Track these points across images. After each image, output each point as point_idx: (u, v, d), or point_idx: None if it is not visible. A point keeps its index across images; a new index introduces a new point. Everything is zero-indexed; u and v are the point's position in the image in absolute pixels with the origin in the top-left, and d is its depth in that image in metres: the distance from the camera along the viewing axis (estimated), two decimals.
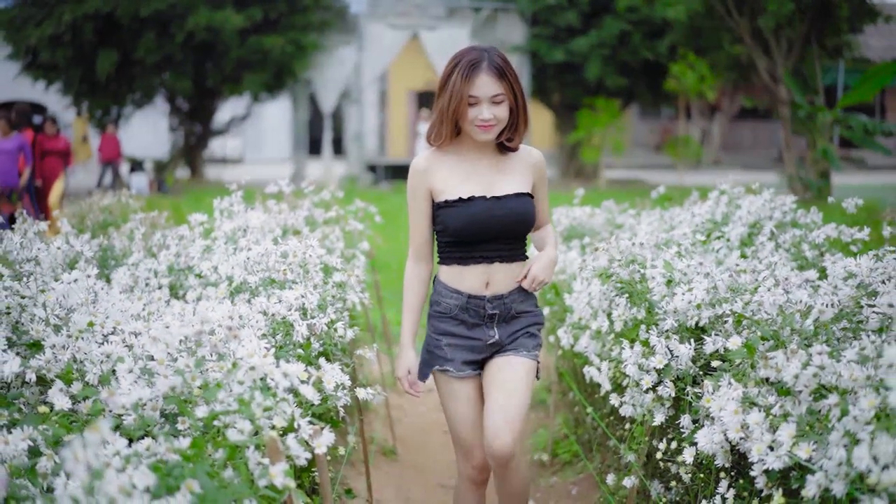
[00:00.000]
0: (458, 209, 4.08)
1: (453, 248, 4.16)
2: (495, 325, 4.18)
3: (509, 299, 4.18)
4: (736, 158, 42.58)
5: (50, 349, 3.50)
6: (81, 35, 26.62)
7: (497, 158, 4.20)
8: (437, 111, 4.09)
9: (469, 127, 4.05)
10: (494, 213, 4.08)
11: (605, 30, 30.01)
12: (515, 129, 4.14)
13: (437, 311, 4.22)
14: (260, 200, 6.80)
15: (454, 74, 3.98)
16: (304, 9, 29.11)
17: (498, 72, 3.98)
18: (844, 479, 2.73)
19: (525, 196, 4.16)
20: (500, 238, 4.13)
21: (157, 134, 37.29)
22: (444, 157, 4.17)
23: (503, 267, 4.16)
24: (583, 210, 7.39)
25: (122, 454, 2.72)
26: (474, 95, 3.97)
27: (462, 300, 4.15)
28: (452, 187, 4.11)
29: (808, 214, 6.24)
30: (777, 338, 3.68)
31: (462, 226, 4.07)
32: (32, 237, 5.41)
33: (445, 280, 4.21)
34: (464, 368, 4.18)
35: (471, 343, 4.18)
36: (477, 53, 4.01)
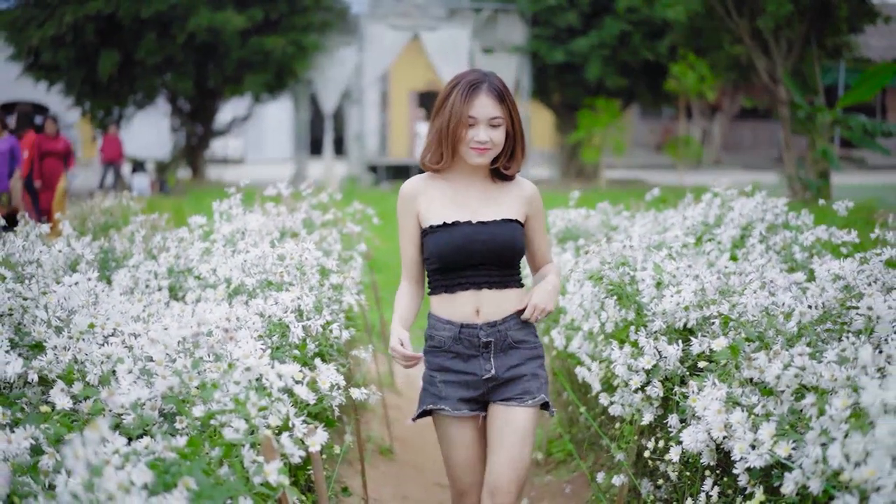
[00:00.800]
0: (440, 234, 3.98)
1: (439, 275, 4.04)
2: (492, 355, 3.99)
3: (504, 326, 4.01)
4: (737, 158, 42.64)
5: (51, 350, 3.58)
6: (83, 36, 26.72)
7: (488, 186, 4.10)
8: (433, 132, 3.99)
9: (464, 149, 3.95)
10: (477, 237, 3.96)
11: (606, 30, 30.09)
12: (512, 156, 4.05)
13: (432, 346, 4.07)
14: (259, 203, 6.88)
15: (453, 94, 3.92)
16: (304, 9, 29.20)
17: (498, 95, 3.92)
18: (821, 476, 2.82)
19: (512, 223, 4.03)
20: (487, 264, 3.99)
21: (158, 134, 37.38)
22: (433, 183, 4.07)
23: (494, 294, 4.01)
24: (578, 212, 7.47)
25: (122, 452, 2.82)
26: (473, 116, 3.89)
27: (455, 330, 4.00)
28: (437, 212, 4.01)
29: (800, 216, 6.32)
30: (762, 339, 3.77)
31: (444, 251, 3.97)
32: (34, 240, 5.50)
33: (437, 311, 4.07)
34: (460, 407, 4.01)
35: (466, 378, 4.00)
36: (477, 75, 3.96)
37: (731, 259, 5.63)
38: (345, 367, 4.63)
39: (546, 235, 4.29)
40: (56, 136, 15.39)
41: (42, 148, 15.25)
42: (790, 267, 5.62)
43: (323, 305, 4.54)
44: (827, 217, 7.68)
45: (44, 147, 15.26)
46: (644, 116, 46.14)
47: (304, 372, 3.66)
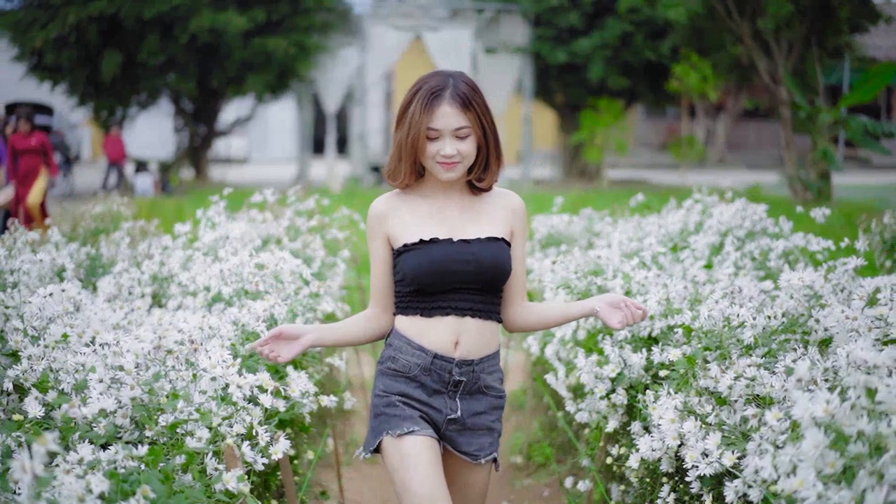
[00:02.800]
0: (416, 254, 3.52)
1: (414, 297, 3.57)
2: (458, 395, 3.57)
3: (479, 367, 3.58)
4: (741, 158, 42.67)
5: (26, 359, 3.68)
6: (86, 37, 26.84)
7: (469, 200, 3.65)
8: (394, 145, 3.56)
9: (430, 164, 3.51)
10: (458, 257, 3.51)
11: (608, 31, 30.17)
12: (486, 167, 3.59)
13: (392, 369, 3.58)
14: (246, 208, 6.98)
15: (413, 104, 3.47)
16: (306, 10, 29.31)
17: (463, 101, 3.46)
18: (761, 486, 2.92)
19: (499, 241, 3.57)
20: (469, 289, 3.53)
21: (161, 135, 37.54)
22: (406, 199, 3.63)
23: (476, 325, 3.56)
24: (560, 217, 7.56)
25: (86, 461, 2.92)
26: (434, 128, 3.45)
27: (426, 360, 3.53)
28: (412, 230, 3.55)
29: (777, 223, 6.40)
30: (722, 348, 3.86)
31: (419, 272, 3.50)
32: (21, 246, 5.61)
33: (407, 333, 3.57)
34: (425, 426, 3.52)
35: (427, 411, 3.56)
36: (440, 79, 3.50)
37: (706, 267, 5.73)
38: (320, 374, 4.72)
39: (525, 260, 3.77)
40: (29, 134, 15.10)
41: (16, 147, 15.04)
42: (766, 275, 5.70)
43: (297, 314, 4.63)
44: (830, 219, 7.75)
45: (18, 146, 15.04)
46: (648, 116, 46.23)
47: (270, 381, 3.76)
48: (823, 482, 2.58)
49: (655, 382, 4.14)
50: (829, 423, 2.65)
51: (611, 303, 3.61)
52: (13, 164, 14.84)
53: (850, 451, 2.57)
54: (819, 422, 2.64)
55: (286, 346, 3.57)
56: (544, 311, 3.77)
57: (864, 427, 2.57)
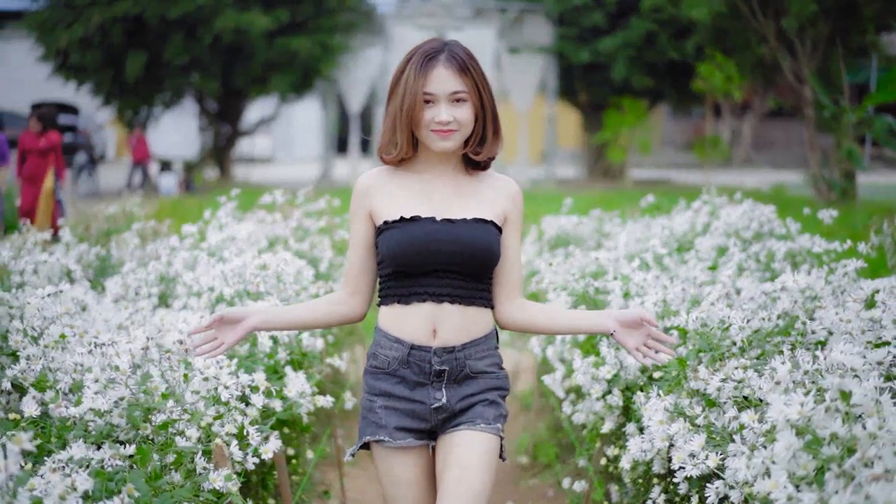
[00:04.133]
0: (395, 231, 3.29)
1: (393, 281, 3.35)
2: (443, 384, 3.34)
3: (463, 354, 3.34)
4: (767, 157, 42.49)
5: (24, 359, 3.73)
6: (111, 37, 27.01)
7: (462, 179, 3.43)
8: (388, 116, 3.34)
9: (424, 133, 3.29)
10: (440, 237, 3.28)
11: (632, 30, 30.13)
12: (483, 140, 3.37)
13: (373, 366, 3.38)
14: (257, 209, 7.03)
15: (407, 69, 3.28)
16: (330, 10, 29.40)
17: (459, 65, 3.27)
18: (742, 486, 2.94)
19: (487, 224, 3.34)
20: (451, 271, 3.30)
21: (186, 134, 37.72)
22: (394, 176, 3.41)
23: (456, 310, 3.32)
24: (569, 219, 7.58)
25: (76, 459, 2.97)
26: (430, 92, 3.25)
27: (403, 352, 3.32)
28: (395, 207, 3.33)
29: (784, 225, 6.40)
30: (713, 350, 3.88)
31: (397, 251, 3.27)
32: (31, 247, 5.68)
33: (385, 326, 3.37)
34: (403, 436, 3.33)
35: (411, 407, 3.33)
36: (435, 44, 3.32)
37: (710, 269, 5.73)
38: (321, 375, 4.76)
39: (520, 253, 3.53)
40: (40, 134, 14.70)
41: (24, 146, 14.67)
42: (770, 276, 5.70)
43: None
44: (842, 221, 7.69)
45: (26, 145, 14.67)
46: (673, 115, 46.08)
47: (263, 381, 3.81)
48: (796, 484, 2.60)
49: (651, 384, 4.16)
50: (805, 425, 2.67)
51: (627, 322, 3.32)
52: (21, 163, 14.66)
53: (823, 453, 2.59)
54: (794, 424, 2.66)
55: (230, 331, 3.29)
56: (543, 314, 3.48)
57: (838, 429, 2.59)
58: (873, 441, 2.56)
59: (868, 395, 2.66)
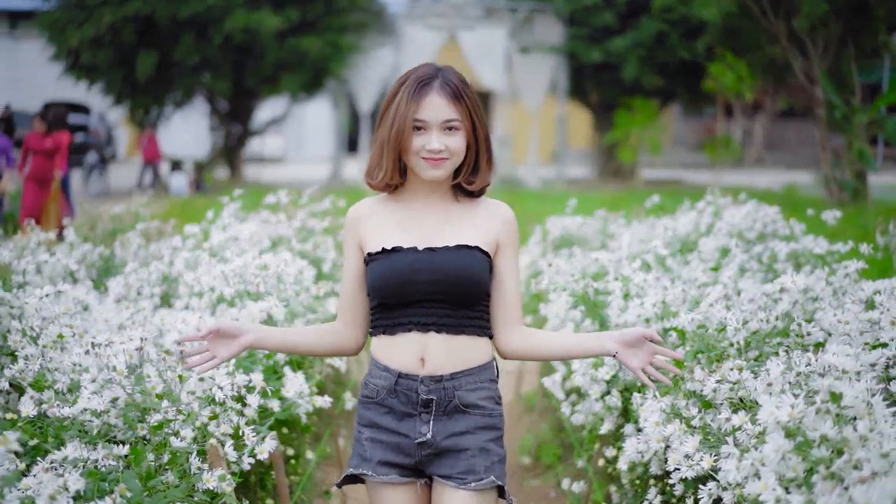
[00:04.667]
0: (378, 263, 3.22)
1: (379, 313, 3.27)
2: (431, 417, 3.21)
3: (452, 384, 3.22)
4: (780, 157, 42.41)
5: (23, 359, 3.74)
6: (121, 37, 27.08)
7: (451, 207, 3.33)
8: (376, 141, 3.25)
9: (414, 160, 3.20)
10: (420, 266, 3.19)
11: (642, 30, 30.08)
12: (476, 169, 3.28)
13: (364, 396, 3.31)
14: (262, 209, 7.05)
15: (399, 94, 3.20)
16: (340, 10, 29.43)
17: (453, 92, 3.20)
18: (734, 488, 2.94)
19: (472, 250, 3.23)
20: (435, 300, 3.20)
21: (197, 134, 37.78)
22: (384, 205, 3.33)
23: (443, 339, 3.21)
24: (573, 219, 7.58)
25: (70, 459, 2.98)
26: (421, 119, 3.16)
27: (391, 380, 3.22)
28: (380, 238, 3.26)
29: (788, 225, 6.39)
30: (710, 351, 3.88)
31: (380, 283, 3.21)
32: (35, 247, 5.70)
33: (376, 355, 3.29)
34: (387, 471, 3.22)
35: (396, 440, 3.22)
36: (429, 69, 3.27)
37: (713, 270, 5.73)
38: (321, 375, 4.77)
39: (518, 278, 3.40)
40: (46, 134, 14.56)
41: (29, 146, 14.50)
42: (773, 278, 5.69)
43: (297, 314, 4.68)
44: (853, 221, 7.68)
45: (31, 145, 14.49)
46: (685, 115, 46.00)
47: (260, 382, 3.82)
48: (785, 487, 2.60)
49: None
50: (795, 427, 2.67)
51: (629, 341, 3.22)
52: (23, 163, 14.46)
53: (813, 455, 2.59)
54: (784, 426, 2.66)
55: (224, 345, 3.19)
56: (543, 342, 3.35)
57: (828, 431, 2.59)
58: (864, 443, 2.55)
59: (859, 396, 2.66)
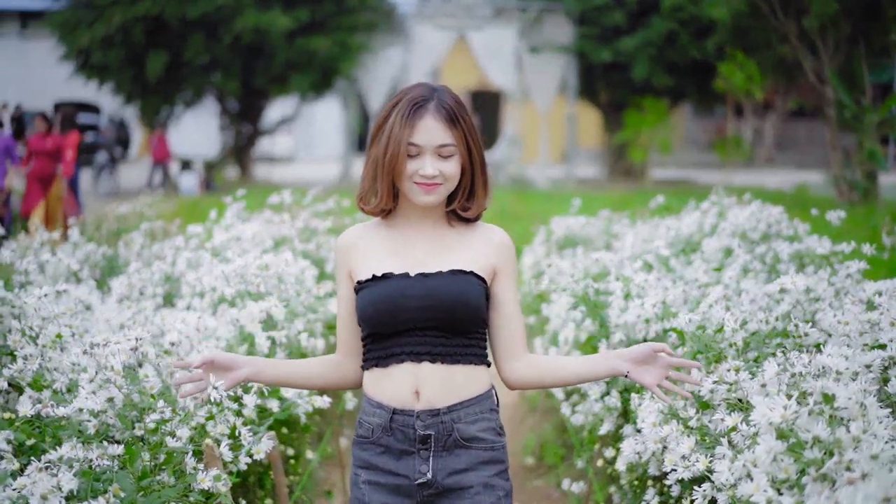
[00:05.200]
0: (368, 291, 3.07)
1: (371, 344, 3.10)
2: (431, 454, 3.04)
3: (450, 416, 3.04)
4: (790, 157, 42.28)
5: (21, 359, 3.75)
6: (131, 37, 27.19)
7: (444, 232, 3.17)
8: (368, 163, 3.11)
9: (407, 185, 3.05)
10: (411, 292, 3.04)
11: (652, 29, 30.02)
12: (471, 194, 3.15)
13: (360, 436, 3.13)
14: (268, 209, 7.06)
15: (393, 116, 3.04)
16: (350, 10, 29.45)
17: (448, 115, 3.05)
18: (729, 489, 2.93)
19: (466, 275, 3.07)
20: (428, 328, 3.04)
21: (207, 133, 37.84)
22: (375, 232, 3.18)
23: (438, 370, 3.04)
24: (577, 219, 7.57)
25: (65, 458, 2.99)
26: (415, 143, 3.02)
27: (385, 417, 3.04)
28: (370, 265, 3.11)
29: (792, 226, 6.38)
30: (708, 351, 3.87)
31: (370, 310, 3.05)
32: (38, 247, 5.71)
33: (368, 392, 3.12)
34: None
35: (396, 482, 3.04)
36: (423, 90, 3.09)
37: (715, 270, 5.71)
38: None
39: (518, 304, 3.24)
40: (46, 134, 14.40)
41: (31, 147, 14.31)
42: (776, 278, 5.67)
43: (297, 314, 4.69)
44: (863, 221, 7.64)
45: (33, 146, 14.30)
46: (696, 114, 45.92)
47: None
48: (777, 488, 2.59)
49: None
50: (789, 428, 2.66)
51: (639, 358, 3.08)
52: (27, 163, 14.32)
53: (805, 456, 2.59)
54: (777, 427, 2.66)
55: (219, 377, 3.04)
56: (551, 369, 3.19)
57: (820, 432, 2.59)
58: (856, 445, 2.55)
59: (853, 398, 2.66)
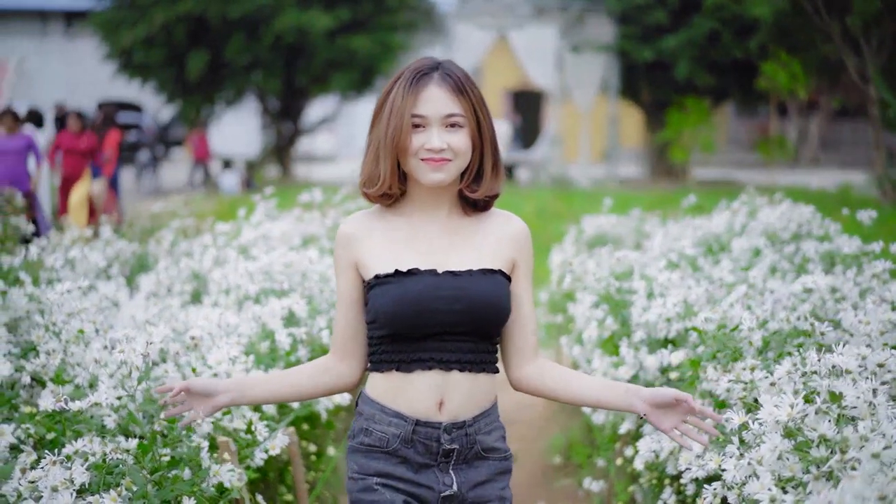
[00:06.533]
0: (390, 287, 2.80)
1: (389, 345, 2.84)
2: (451, 466, 2.86)
3: (473, 429, 2.87)
4: (835, 157, 41.92)
5: (44, 353, 3.80)
6: (173, 36, 27.45)
7: (458, 221, 2.94)
8: (370, 144, 2.88)
9: (413, 162, 2.81)
10: (444, 293, 2.80)
11: (695, 28, 29.85)
12: (479, 175, 2.90)
13: (366, 444, 2.86)
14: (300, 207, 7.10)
15: (395, 89, 2.83)
16: (391, 9, 29.53)
17: (455, 84, 2.82)
18: (738, 488, 2.93)
19: (495, 274, 2.88)
20: (457, 333, 2.82)
21: (248, 133, 38.04)
22: (381, 221, 2.91)
23: (465, 379, 2.84)
24: (607, 218, 7.57)
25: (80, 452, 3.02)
26: (420, 114, 2.79)
27: (406, 429, 2.82)
28: (387, 257, 2.85)
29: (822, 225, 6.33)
30: (725, 350, 3.86)
31: (396, 310, 2.79)
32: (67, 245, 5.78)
33: (379, 397, 2.86)
34: None
35: (417, 491, 2.85)
36: (427, 61, 2.88)
37: (743, 270, 5.68)
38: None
39: (532, 303, 3.03)
40: (80, 133, 14.10)
41: (61, 146, 14.06)
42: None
43: (319, 311, 4.72)
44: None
45: (64, 144, 14.03)
46: (740, 114, 45.65)
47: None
48: (783, 487, 2.59)
49: (671, 384, 4.15)
50: (796, 427, 2.66)
51: (660, 402, 2.83)
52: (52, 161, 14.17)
53: (812, 455, 2.58)
54: (785, 426, 2.65)
55: (200, 403, 2.90)
56: (566, 380, 2.97)
57: (826, 431, 2.58)
58: (864, 444, 2.54)
59: (861, 397, 2.64)
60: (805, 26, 24.76)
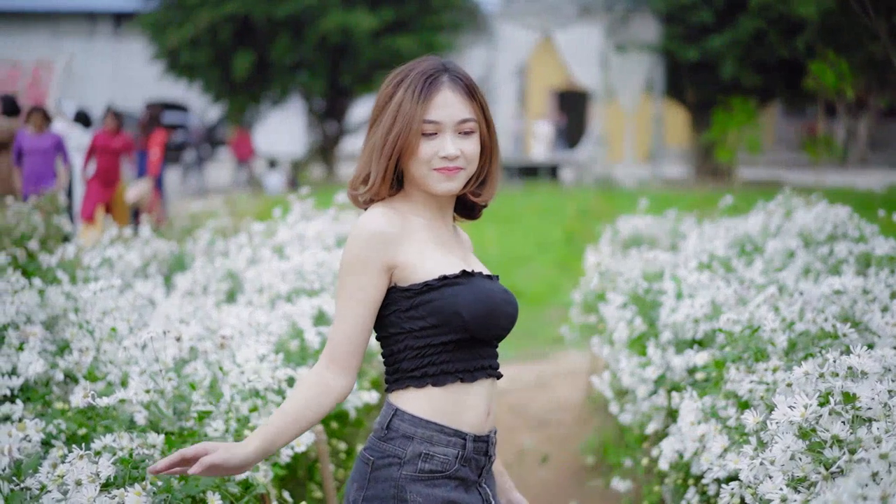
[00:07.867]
0: (462, 288, 2.59)
1: (450, 353, 2.61)
2: (484, 480, 2.72)
3: (495, 438, 2.76)
4: (885, 157, 41.48)
5: (77, 351, 3.87)
6: (219, 37, 27.72)
7: (451, 227, 2.84)
8: (365, 148, 2.72)
9: (422, 172, 2.66)
10: (507, 297, 2.69)
11: (740, 28, 29.67)
12: (485, 179, 2.79)
13: (429, 472, 2.59)
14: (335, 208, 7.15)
15: (400, 92, 2.65)
16: (435, 10, 29.61)
17: (466, 88, 2.69)
18: (751, 488, 2.95)
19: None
20: (499, 339, 2.72)
21: (293, 133, 38.25)
22: (405, 220, 2.67)
23: (496, 386, 2.75)
24: (642, 219, 7.57)
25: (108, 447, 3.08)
26: (434, 120, 2.63)
27: (466, 447, 2.63)
28: (437, 259, 2.63)
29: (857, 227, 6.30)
30: (750, 351, 3.86)
31: (481, 311, 2.59)
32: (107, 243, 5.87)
33: (435, 416, 2.61)
34: None
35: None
36: (432, 62, 2.72)
37: (777, 271, 5.67)
38: (377, 372, 4.85)
39: None
40: (116, 132, 13.77)
41: (96, 144, 13.59)
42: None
43: None
44: None
45: (99, 143, 13.57)
46: (787, 114, 45.33)
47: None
48: (795, 487, 2.60)
49: (695, 386, 4.16)
50: (810, 428, 2.67)
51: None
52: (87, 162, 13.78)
53: (825, 455, 2.60)
54: (799, 426, 2.66)
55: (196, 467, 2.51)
56: None
57: (839, 432, 2.59)
58: (878, 445, 2.55)
59: (876, 398, 2.65)
60: (852, 25, 24.58)
